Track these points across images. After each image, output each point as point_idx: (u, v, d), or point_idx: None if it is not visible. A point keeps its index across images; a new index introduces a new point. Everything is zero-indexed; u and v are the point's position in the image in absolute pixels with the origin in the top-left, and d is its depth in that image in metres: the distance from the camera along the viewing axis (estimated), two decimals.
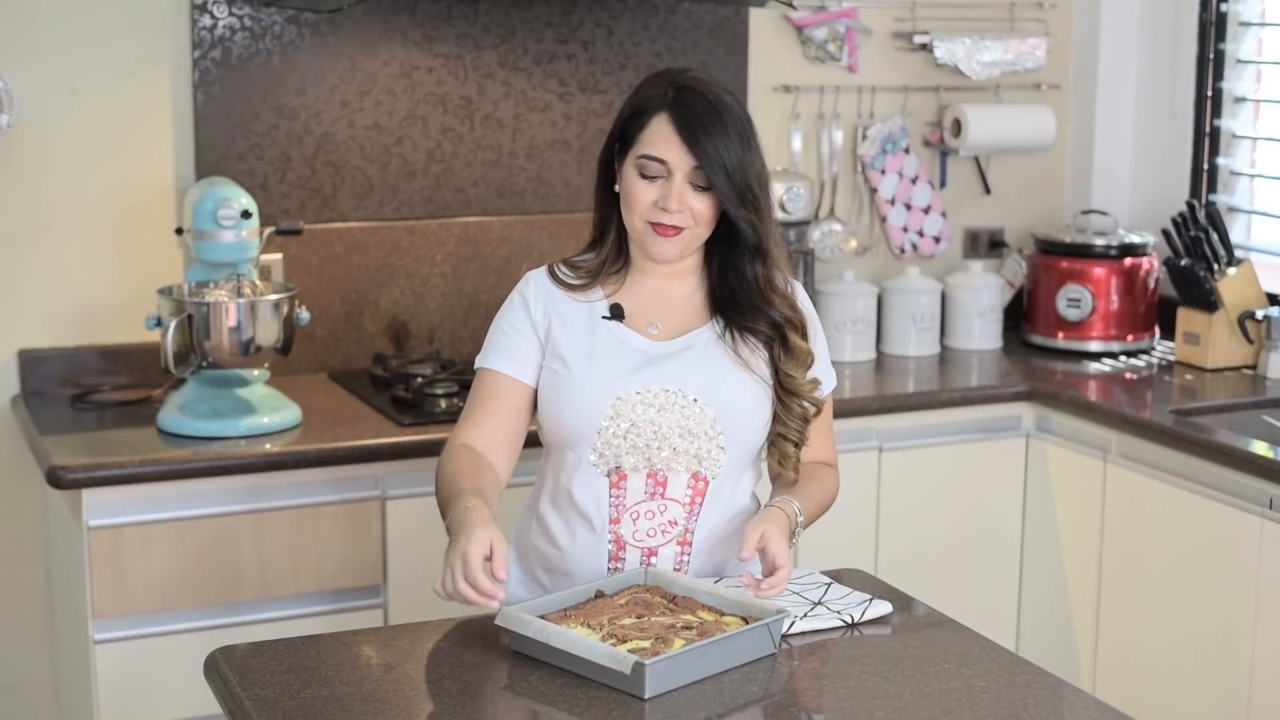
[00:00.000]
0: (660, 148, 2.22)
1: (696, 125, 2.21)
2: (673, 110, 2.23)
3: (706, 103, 2.23)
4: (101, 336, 3.31)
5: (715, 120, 2.22)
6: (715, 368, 2.27)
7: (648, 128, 2.24)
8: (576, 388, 2.25)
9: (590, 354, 2.26)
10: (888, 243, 3.98)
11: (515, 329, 2.31)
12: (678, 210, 2.22)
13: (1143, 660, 3.28)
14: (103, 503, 2.80)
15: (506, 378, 2.30)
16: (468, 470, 2.23)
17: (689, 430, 2.24)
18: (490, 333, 2.34)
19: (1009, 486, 3.56)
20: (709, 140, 2.21)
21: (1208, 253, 3.62)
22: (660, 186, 2.23)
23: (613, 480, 2.25)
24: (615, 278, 2.32)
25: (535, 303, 2.31)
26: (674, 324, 2.31)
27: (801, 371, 2.29)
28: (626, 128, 2.26)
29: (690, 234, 2.25)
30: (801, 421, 2.30)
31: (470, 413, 2.32)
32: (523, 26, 3.55)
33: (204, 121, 3.32)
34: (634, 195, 2.24)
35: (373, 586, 3.00)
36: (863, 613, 2.18)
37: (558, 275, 2.32)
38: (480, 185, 3.56)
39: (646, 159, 2.23)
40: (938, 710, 1.91)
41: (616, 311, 2.29)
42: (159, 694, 2.86)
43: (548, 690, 1.94)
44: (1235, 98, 3.86)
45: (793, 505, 2.25)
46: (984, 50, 3.93)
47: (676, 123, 2.22)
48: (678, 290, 2.32)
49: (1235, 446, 3.03)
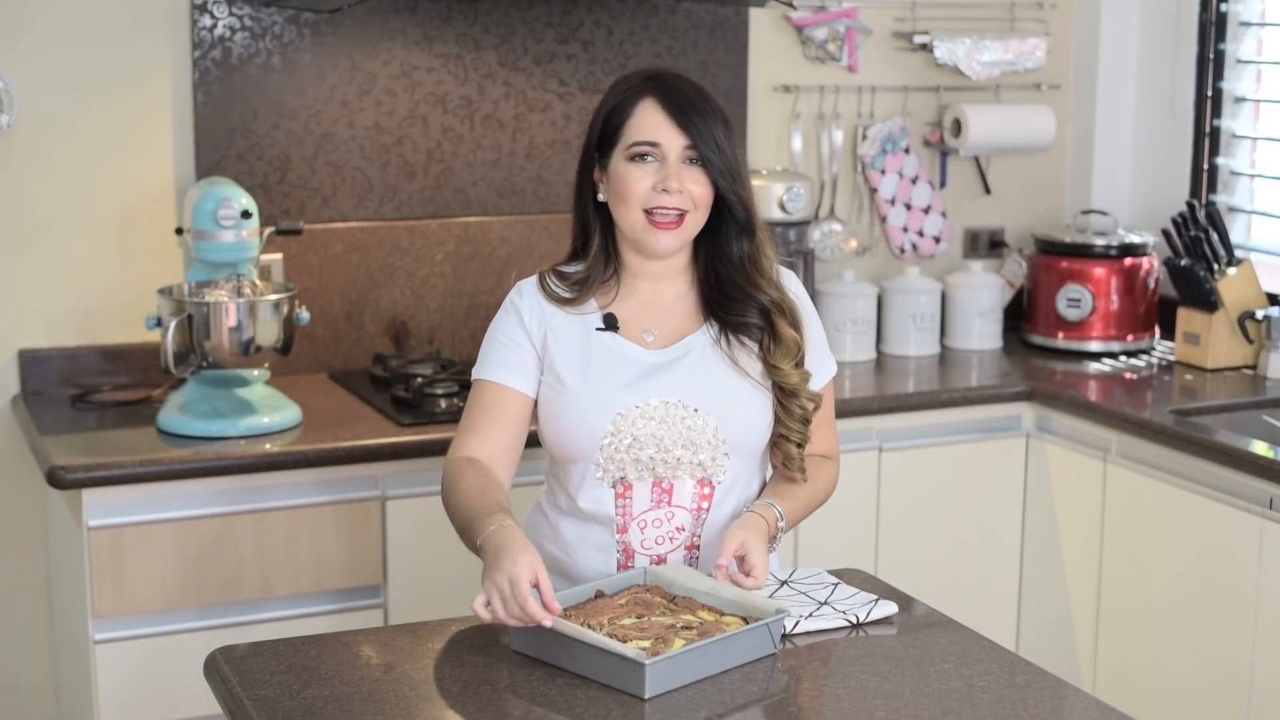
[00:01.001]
0: (651, 131, 2.22)
1: (685, 103, 2.22)
2: (657, 94, 2.23)
3: (687, 84, 2.27)
4: (101, 336, 3.31)
5: (701, 98, 2.24)
6: (714, 376, 2.26)
7: (633, 117, 2.24)
8: (576, 406, 2.24)
9: (587, 369, 2.25)
10: (888, 243, 3.98)
11: (511, 338, 2.29)
12: (677, 190, 2.21)
13: (1143, 660, 3.28)
14: (103, 503, 2.80)
15: (506, 389, 2.28)
16: (484, 486, 2.20)
17: (692, 441, 2.24)
18: (485, 344, 2.33)
19: (1009, 486, 3.56)
20: (698, 116, 2.22)
21: (1208, 253, 3.62)
22: (655, 170, 2.22)
23: (619, 491, 2.25)
24: (605, 288, 2.31)
25: (529, 314, 2.29)
26: (668, 329, 2.30)
27: (789, 363, 2.27)
28: (607, 127, 2.26)
29: (689, 220, 2.24)
30: (802, 423, 2.29)
31: (471, 425, 2.29)
32: (523, 26, 3.55)
33: (204, 121, 3.32)
34: (628, 186, 2.23)
35: (373, 586, 3.00)
36: (868, 613, 2.18)
37: (549, 288, 2.30)
38: (480, 185, 3.56)
39: (638, 145, 2.22)
40: (938, 710, 1.91)
41: (610, 322, 2.28)
42: (159, 694, 2.86)
43: (548, 690, 1.94)
44: (1235, 98, 3.86)
45: (774, 510, 2.24)
46: (984, 50, 3.93)
47: (664, 104, 2.22)
48: (670, 292, 2.32)
49: (1235, 446, 3.03)
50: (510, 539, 2.04)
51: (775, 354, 2.27)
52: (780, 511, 2.25)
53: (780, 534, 2.25)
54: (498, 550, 2.03)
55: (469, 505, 2.17)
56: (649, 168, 2.22)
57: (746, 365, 2.27)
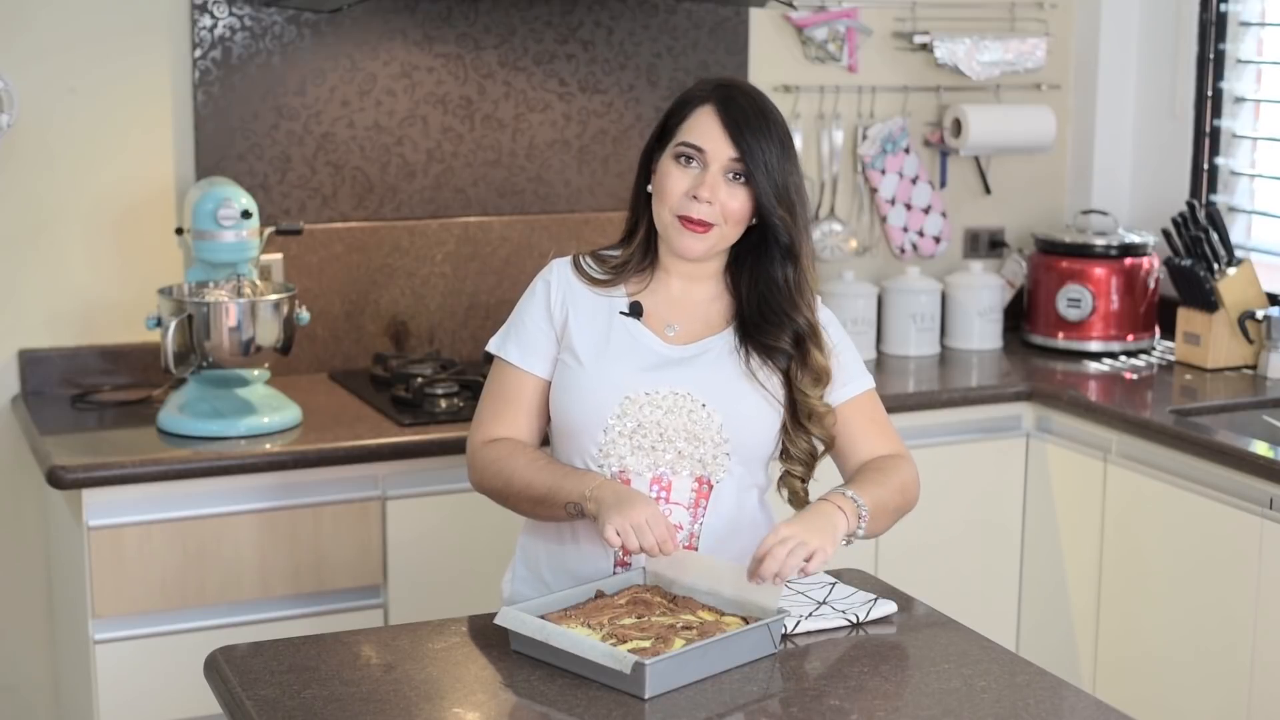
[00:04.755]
0: (700, 136, 2.23)
1: (740, 118, 2.22)
2: (718, 103, 2.24)
3: (752, 101, 2.25)
4: (101, 336, 3.31)
5: (760, 118, 2.23)
6: (726, 376, 2.26)
7: (690, 118, 2.24)
8: (587, 382, 2.25)
9: (603, 350, 2.26)
10: (888, 243, 3.98)
11: (534, 321, 2.31)
12: (708, 200, 2.21)
13: (1143, 660, 3.28)
14: (103, 503, 2.80)
15: (526, 374, 2.30)
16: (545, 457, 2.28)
17: (695, 435, 2.24)
18: (511, 319, 2.34)
19: (1009, 486, 3.56)
20: (752, 135, 2.22)
21: (1208, 253, 3.62)
22: (694, 176, 2.22)
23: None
24: (639, 276, 2.32)
25: (555, 293, 2.30)
26: (691, 329, 2.30)
27: (817, 390, 2.27)
28: (669, 121, 2.27)
29: (718, 233, 2.23)
30: (807, 461, 2.30)
31: (495, 413, 2.32)
32: (523, 26, 3.55)
33: (204, 121, 3.32)
34: (667, 184, 2.23)
35: (373, 586, 3.00)
36: (868, 612, 2.18)
37: (582, 267, 2.32)
38: (480, 185, 3.56)
39: (685, 146, 2.23)
40: (938, 710, 1.91)
41: (635, 309, 2.29)
42: (159, 694, 2.86)
43: (548, 690, 1.94)
44: (1235, 98, 3.86)
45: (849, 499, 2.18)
46: (984, 50, 3.93)
47: (720, 114, 2.23)
48: (700, 294, 2.32)
49: (1235, 446, 3.03)
50: (626, 489, 2.16)
51: (803, 380, 2.26)
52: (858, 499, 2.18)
53: (862, 524, 2.18)
54: (619, 495, 2.13)
55: (544, 473, 2.22)
56: (689, 171, 2.23)
57: (762, 378, 2.26)
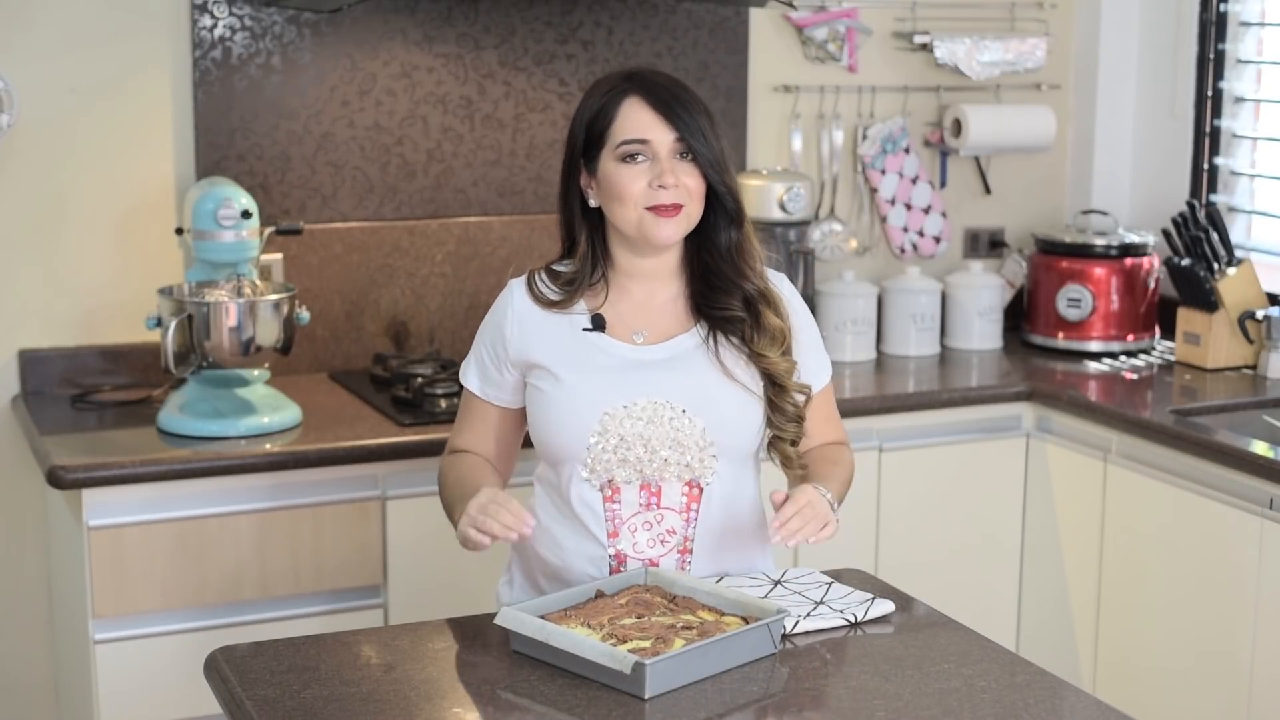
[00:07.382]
0: (638, 129, 2.22)
1: (668, 99, 2.23)
2: (640, 92, 2.24)
3: (666, 78, 2.27)
4: (101, 336, 3.31)
5: (683, 91, 2.25)
6: (701, 377, 2.26)
7: (619, 117, 2.24)
8: (563, 406, 2.24)
9: (573, 369, 2.25)
10: (888, 243, 3.98)
11: (490, 355, 2.33)
12: (673, 185, 2.21)
13: (1143, 660, 3.28)
14: (103, 503, 2.80)
15: (488, 404, 2.35)
16: (474, 470, 2.28)
17: (679, 442, 2.23)
18: (474, 346, 2.37)
19: (1009, 486, 3.56)
20: (684, 111, 2.22)
21: (1208, 253, 3.62)
22: (648, 168, 2.22)
23: (606, 494, 2.25)
24: (594, 290, 2.31)
25: (511, 326, 2.30)
26: (658, 332, 2.30)
27: (775, 350, 2.27)
28: (592, 132, 2.26)
29: (686, 212, 2.24)
30: (795, 420, 2.30)
31: (463, 427, 2.38)
32: (523, 26, 3.55)
33: (204, 121, 3.32)
34: (622, 187, 2.22)
35: (373, 586, 3.00)
36: (865, 612, 2.18)
37: (537, 290, 2.31)
38: (480, 185, 3.56)
39: (628, 144, 2.22)
40: (938, 710, 1.91)
41: (598, 323, 2.28)
42: (159, 694, 2.86)
43: (548, 690, 1.94)
44: (1235, 98, 3.86)
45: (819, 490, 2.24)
46: (984, 50, 3.93)
47: (649, 100, 2.23)
48: (663, 294, 2.31)
49: (1235, 446, 3.03)
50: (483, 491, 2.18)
51: (760, 342, 2.27)
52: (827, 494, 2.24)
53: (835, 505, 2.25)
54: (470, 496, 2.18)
55: (457, 489, 2.25)
56: (641, 167, 2.22)
57: (734, 369, 2.27)
